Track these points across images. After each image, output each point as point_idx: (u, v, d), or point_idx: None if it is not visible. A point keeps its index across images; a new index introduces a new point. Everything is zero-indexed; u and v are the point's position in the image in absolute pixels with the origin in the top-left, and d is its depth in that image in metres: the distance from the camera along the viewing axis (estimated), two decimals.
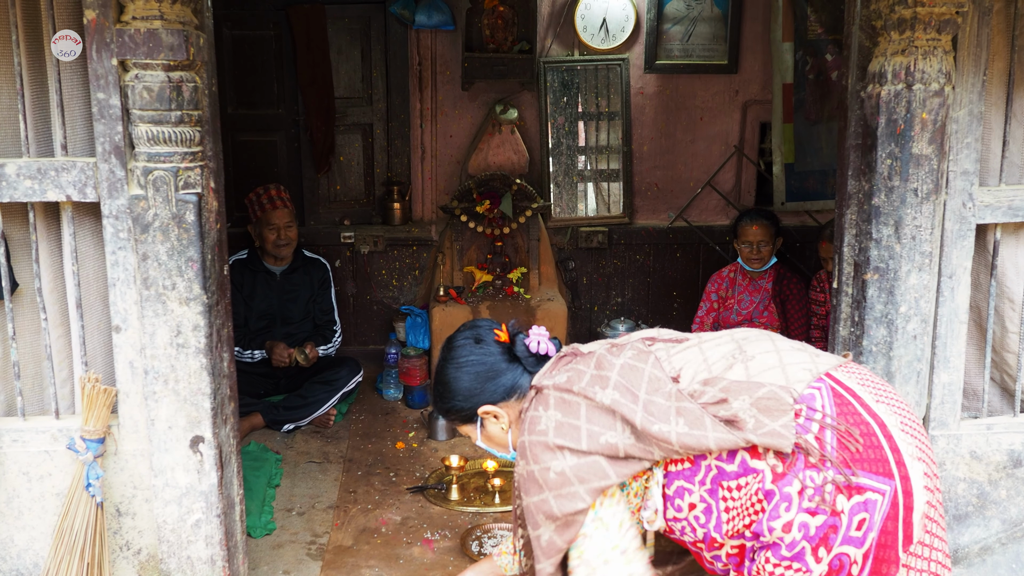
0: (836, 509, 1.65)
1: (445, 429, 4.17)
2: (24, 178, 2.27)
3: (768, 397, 1.69)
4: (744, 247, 4.42)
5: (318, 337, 4.45)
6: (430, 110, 5.01)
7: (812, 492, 1.66)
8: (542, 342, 2.02)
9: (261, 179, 4.68)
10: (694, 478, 1.77)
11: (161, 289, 2.31)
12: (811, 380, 1.73)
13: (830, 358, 1.84)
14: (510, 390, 2.00)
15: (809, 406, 1.70)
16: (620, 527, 1.79)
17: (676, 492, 1.80)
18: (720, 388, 1.74)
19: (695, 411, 1.73)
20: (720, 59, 5.04)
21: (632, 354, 1.87)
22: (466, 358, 2.01)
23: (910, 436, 1.72)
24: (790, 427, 1.66)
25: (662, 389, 1.78)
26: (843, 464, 1.65)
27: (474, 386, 2.00)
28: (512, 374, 2.00)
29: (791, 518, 1.67)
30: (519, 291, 4.72)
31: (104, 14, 2.19)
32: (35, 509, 2.46)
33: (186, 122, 2.25)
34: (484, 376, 2.00)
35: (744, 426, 1.68)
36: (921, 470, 1.69)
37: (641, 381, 1.80)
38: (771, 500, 1.69)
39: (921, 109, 2.38)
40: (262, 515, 3.35)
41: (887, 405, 1.75)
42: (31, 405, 2.51)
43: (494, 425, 2.04)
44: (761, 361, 1.78)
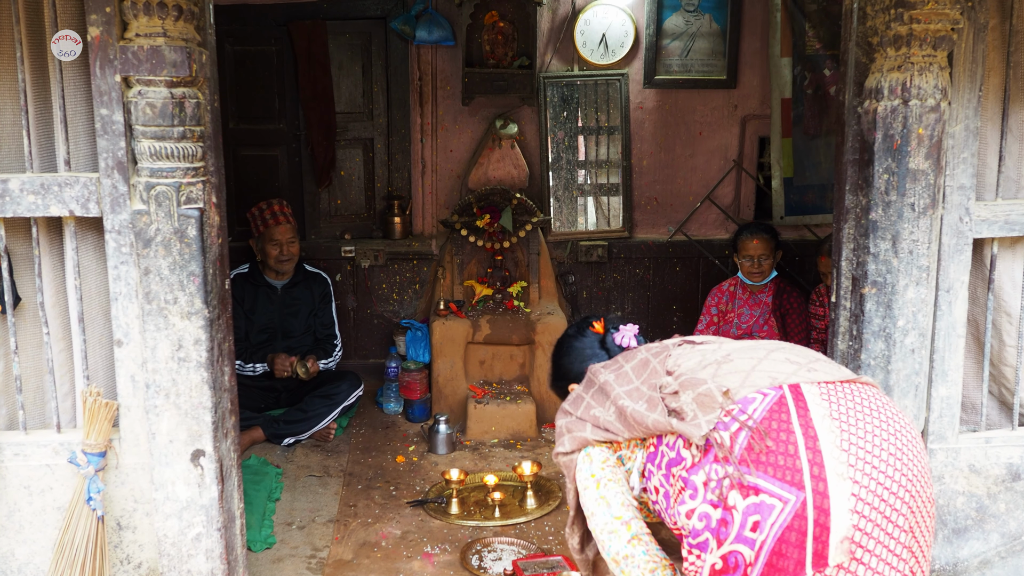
0: (728, 504, 1.70)
1: (445, 443, 4.18)
2: (27, 193, 2.29)
3: (704, 394, 1.82)
4: (745, 261, 4.43)
5: (319, 351, 4.45)
6: (430, 125, 5.03)
7: (714, 484, 1.74)
8: (626, 337, 2.32)
9: (262, 193, 4.71)
10: (655, 460, 1.96)
11: (163, 303, 2.32)
12: (766, 386, 1.78)
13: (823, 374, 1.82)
14: (607, 350, 2.34)
15: (742, 408, 1.76)
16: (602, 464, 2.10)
17: (648, 473, 2.00)
18: (680, 382, 1.91)
19: (655, 399, 1.94)
20: (719, 74, 5.07)
21: (656, 350, 2.10)
22: (567, 343, 2.43)
23: (852, 456, 1.65)
24: (711, 422, 1.78)
25: (651, 380, 2.00)
26: (742, 462, 1.69)
27: (569, 366, 2.39)
28: (599, 360, 2.29)
29: (694, 507, 1.78)
30: (519, 305, 4.73)
31: (108, 31, 2.21)
32: (36, 523, 2.47)
33: (188, 138, 2.27)
34: (576, 359, 2.37)
35: (684, 416, 1.84)
36: (848, 490, 1.62)
37: (643, 373, 2.04)
38: (686, 488, 1.81)
39: (917, 124, 2.40)
40: (262, 529, 3.35)
41: (842, 423, 1.70)
42: (33, 419, 2.52)
43: None
44: (735, 364, 1.88)
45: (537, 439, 4.38)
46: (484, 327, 4.57)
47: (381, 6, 4.93)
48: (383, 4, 4.93)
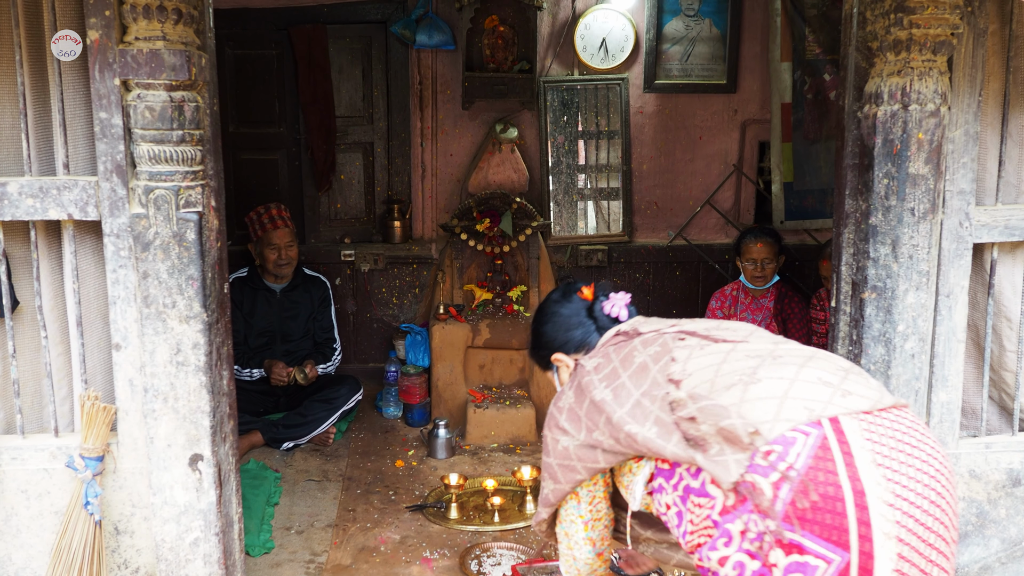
0: (769, 561, 1.57)
1: (445, 447, 4.17)
2: (26, 196, 2.29)
3: (729, 430, 1.63)
4: (748, 265, 4.42)
5: (318, 355, 4.45)
6: (430, 129, 5.03)
7: (753, 536, 1.59)
8: (616, 307, 2.17)
9: (262, 197, 4.70)
10: (670, 481, 1.82)
11: (161, 307, 2.32)
12: (804, 421, 1.59)
13: (859, 400, 1.65)
14: (580, 343, 2.18)
15: (784, 451, 1.57)
16: (591, 503, 2.06)
17: (658, 488, 1.86)
18: (698, 407, 1.71)
19: (668, 423, 1.76)
20: (719, 79, 5.07)
21: (655, 351, 1.91)
22: (551, 309, 2.25)
23: (899, 512, 1.54)
24: (741, 464, 1.60)
25: (654, 393, 1.81)
26: (785, 519, 1.55)
27: (552, 335, 2.22)
28: (585, 329, 2.17)
29: (728, 554, 1.64)
30: (519, 309, 4.73)
31: (107, 34, 2.21)
32: (33, 527, 2.46)
33: (187, 141, 2.27)
34: (561, 327, 2.21)
35: (707, 449, 1.67)
36: (894, 551, 1.52)
37: (643, 382, 1.86)
38: (716, 529, 1.67)
39: (917, 129, 2.39)
40: (261, 533, 3.35)
41: (887, 471, 1.56)
42: (30, 423, 2.51)
43: (565, 372, 2.21)
44: (765, 387, 1.67)
45: (537, 444, 4.37)
46: (484, 331, 4.56)
47: (381, 10, 4.93)
48: (383, 8, 4.93)
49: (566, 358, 2.21)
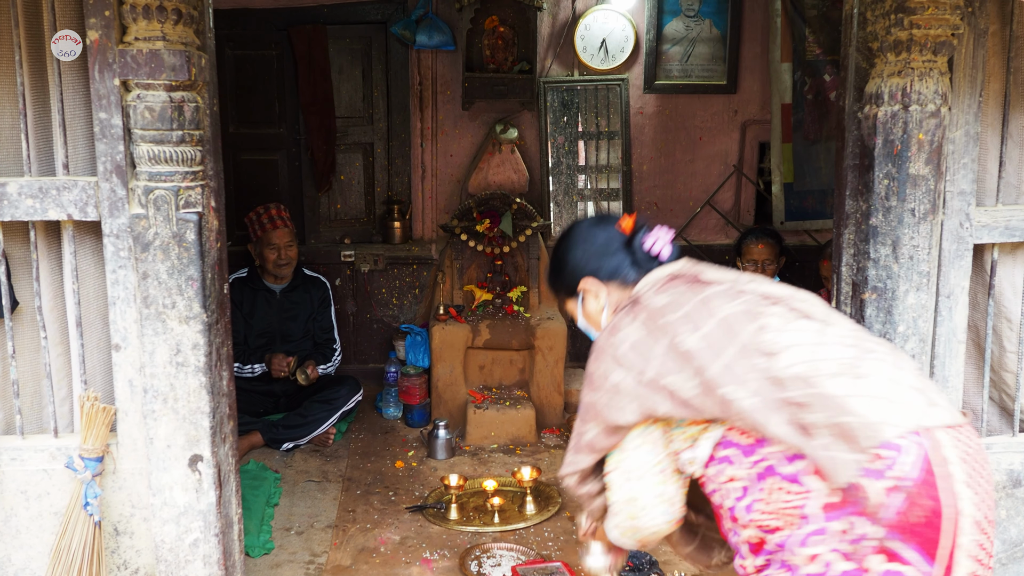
0: (865, 566, 1.55)
1: (444, 448, 4.17)
2: (25, 197, 2.29)
3: (849, 427, 1.56)
4: (748, 266, 4.42)
5: (318, 355, 4.45)
6: (430, 129, 5.03)
7: (854, 538, 1.56)
8: (659, 243, 1.99)
9: (262, 198, 4.70)
10: (748, 457, 1.68)
11: (161, 308, 2.32)
12: (910, 429, 1.56)
13: (944, 413, 1.63)
14: (614, 272, 2.00)
15: (895, 458, 1.54)
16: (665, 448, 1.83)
17: (724, 458, 1.72)
18: (809, 394, 1.60)
19: (771, 400, 1.63)
20: (719, 79, 5.07)
21: (742, 309, 1.75)
22: (583, 232, 2.08)
23: (979, 533, 1.57)
24: (859, 464, 1.54)
25: (751, 361, 1.67)
26: (892, 527, 1.53)
27: (583, 259, 2.04)
28: (620, 259, 2.00)
29: (820, 551, 1.58)
30: (519, 310, 4.73)
31: (107, 35, 2.21)
32: (33, 528, 2.46)
33: (187, 142, 2.27)
34: (594, 251, 2.03)
35: (814, 438, 1.58)
36: (969, 570, 1.56)
37: (734, 342, 1.70)
38: (807, 523, 1.60)
39: (918, 130, 2.39)
40: (260, 534, 3.34)
41: (974, 492, 1.58)
42: (30, 423, 2.51)
43: (593, 302, 2.04)
44: (871, 385, 1.62)
45: (537, 444, 4.37)
46: (484, 332, 4.56)
47: (381, 11, 4.93)
48: (383, 9, 4.93)
49: (598, 285, 2.02)
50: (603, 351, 1.86)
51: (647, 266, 1.98)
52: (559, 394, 4.60)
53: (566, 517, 3.59)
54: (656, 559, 3.19)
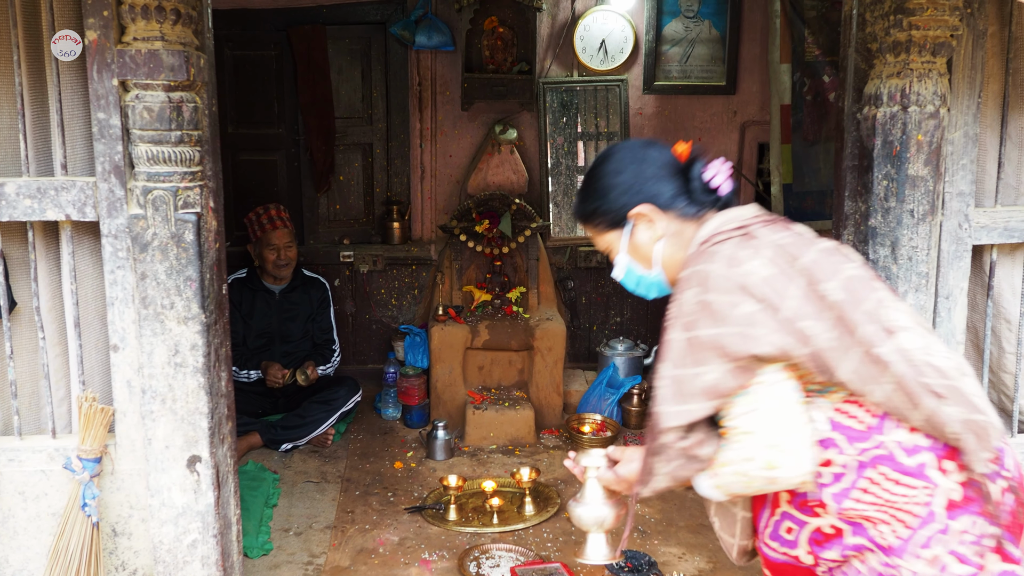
0: (983, 566, 1.53)
1: (443, 449, 4.16)
2: (24, 197, 2.28)
3: (980, 425, 1.52)
4: None
5: (317, 356, 4.45)
6: (430, 130, 5.03)
7: (972, 539, 1.52)
8: (719, 177, 1.76)
9: (261, 198, 4.70)
10: (855, 442, 1.57)
11: (159, 308, 2.32)
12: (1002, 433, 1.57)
13: None
14: (673, 200, 1.75)
15: (1002, 457, 1.55)
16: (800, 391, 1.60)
17: (827, 440, 1.59)
18: (945, 384, 1.52)
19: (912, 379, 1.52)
20: (718, 80, 5.07)
21: (861, 275, 1.61)
22: (635, 152, 1.79)
23: None
24: (987, 463, 1.52)
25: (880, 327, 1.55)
26: (1008, 528, 1.53)
27: (636, 182, 1.76)
28: (678, 188, 1.75)
29: (939, 553, 1.52)
30: (518, 310, 4.72)
31: (105, 35, 2.20)
32: (31, 529, 2.45)
33: (186, 142, 2.26)
34: (650, 174, 1.76)
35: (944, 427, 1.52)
36: None
37: (860, 307, 1.55)
38: (928, 523, 1.53)
39: (917, 131, 2.39)
40: (259, 535, 3.34)
41: None
42: (28, 424, 2.51)
43: (646, 232, 1.78)
44: (973, 384, 1.57)
45: (536, 445, 4.37)
46: (483, 333, 4.56)
47: (381, 11, 4.93)
48: (383, 9, 4.93)
49: (657, 213, 1.75)
50: (723, 279, 1.58)
51: (704, 200, 1.75)
52: (558, 395, 4.60)
53: (565, 518, 3.59)
54: (655, 560, 3.19)
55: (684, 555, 3.29)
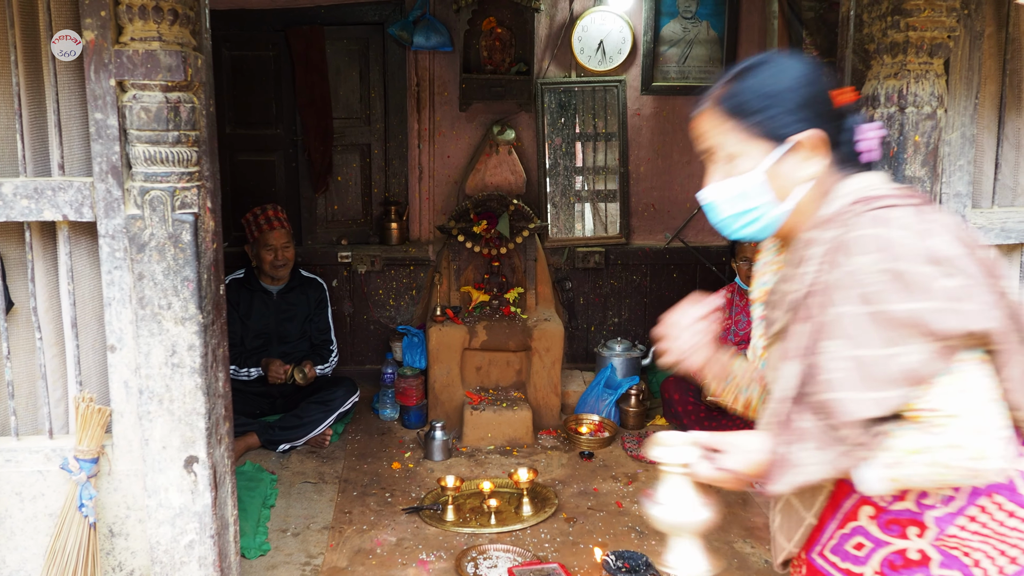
0: None
1: (441, 449, 4.16)
2: (21, 197, 2.28)
3: None
4: (743, 264, 4.43)
5: (315, 357, 4.44)
6: (428, 130, 5.03)
7: None
8: (872, 141, 1.52)
9: (259, 199, 4.70)
10: None
11: (157, 309, 2.31)
12: None
13: None
14: (834, 143, 1.48)
15: None
16: None
17: None
18: None
19: None
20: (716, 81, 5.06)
21: None
22: (818, 73, 1.49)
23: None
24: None
25: None
26: None
27: (816, 103, 1.47)
28: (834, 130, 1.49)
29: None
30: (516, 311, 4.72)
31: (103, 35, 2.20)
32: (27, 530, 2.45)
33: (183, 142, 2.26)
34: (825, 107, 1.48)
35: None
36: None
37: None
38: None
39: (914, 132, 2.39)
40: (256, 536, 3.34)
41: None
42: (25, 425, 2.50)
43: (799, 164, 1.48)
44: None
45: (534, 446, 4.36)
46: (481, 333, 4.56)
47: (379, 12, 4.93)
48: (381, 10, 4.93)
49: (825, 150, 1.47)
50: (911, 250, 1.34)
51: (850, 158, 1.51)
52: (556, 395, 4.60)
53: (562, 518, 3.59)
54: (652, 561, 3.19)
55: None
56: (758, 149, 1.49)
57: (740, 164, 1.51)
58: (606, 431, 4.45)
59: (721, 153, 1.54)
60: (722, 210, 1.58)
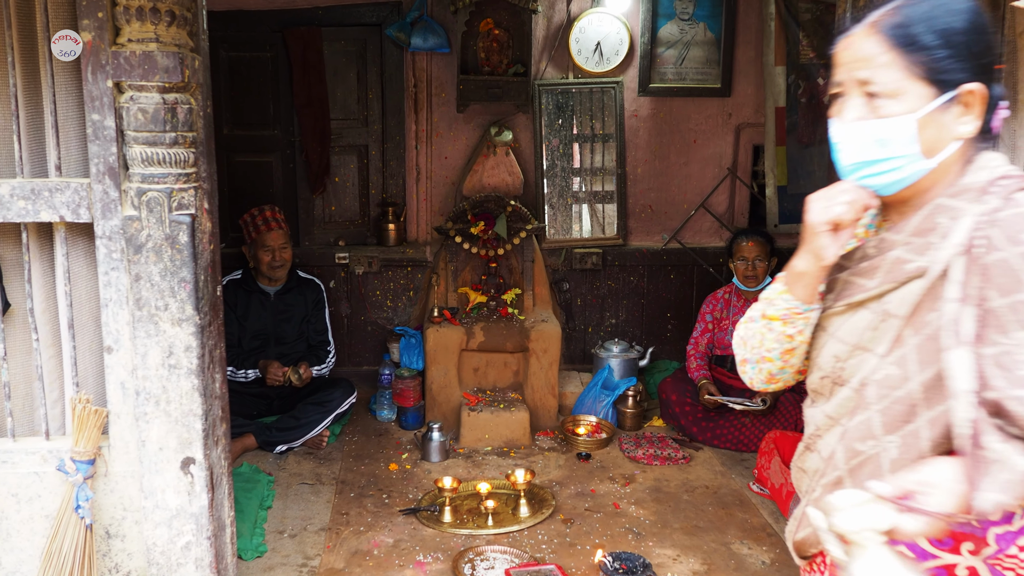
0: None
1: (438, 451, 4.16)
2: (18, 198, 2.28)
3: None
4: (740, 263, 4.44)
5: (312, 358, 4.44)
6: (425, 132, 5.03)
7: None
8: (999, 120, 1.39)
9: (256, 200, 4.70)
10: None
11: (153, 310, 2.31)
12: None
13: None
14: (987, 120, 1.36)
15: None
16: None
17: None
18: None
19: None
20: (713, 82, 5.08)
21: None
22: (984, 16, 1.36)
23: None
24: None
25: None
26: None
27: (981, 50, 1.33)
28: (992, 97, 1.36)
29: None
30: (513, 312, 4.73)
31: (100, 36, 2.20)
32: (24, 531, 2.45)
33: (180, 143, 2.26)
34: (992, 52, 1.36)
35: None
36: None
37: None
38: None
39: None
40: (253, 537, 3.33)
41: None
42: (21, 426, 2.50)
43: (953, 118, 1.33)
44: None
45: (531, 447, 4.36)
46: (478, 334, 4.56)
47: (376, 13, 4.93)
48: (378, 11, 4.93)
49: (984, 109, 1.34)
50: None
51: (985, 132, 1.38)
52: (553, 396, 4.60)
53: (559, 520, 3.59)
54: (649, 561, 3.19)
55: (679, 557, 3.30)
56: (917, 92, 1.31)
57: (889, 106, 1.32)
58: (603, 432, 4.45)
59: (869, 88, 1.34)
60: (853, 154, 1.37)
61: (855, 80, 1.36)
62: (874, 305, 1.37)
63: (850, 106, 1.37)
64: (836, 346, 1.43)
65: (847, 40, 1.38)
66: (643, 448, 4.29)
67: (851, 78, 1.37)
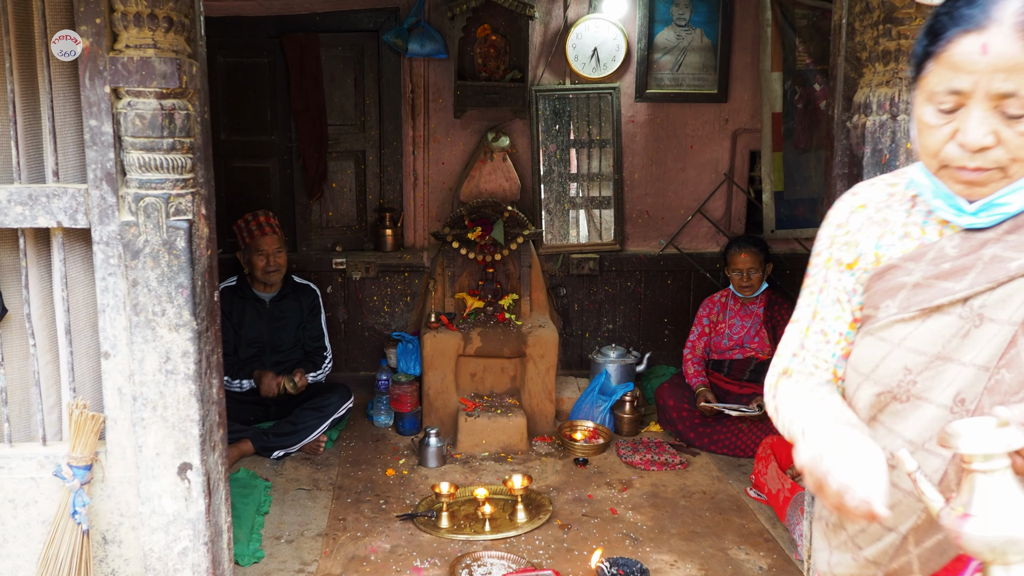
0: None
1: (436, 456, 4.16)
2: (15, 204, 2.28)
3: None
4: (734, 275, 4.45)
5: (308, 363, 4.44)
6: (422, 137, 5.04)
7: None
8: None
9: (253, 205, 4.70)
10: None
11: (151, 315, 2.31)
12: None
13: None
14: None
15: None
16: None
17: None
18: None
19: None
20: (710, 88, 5.09)
21: None
22: None
23: None
24: None
25: None
26: None
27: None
28: None
29: None
30: (510, 317, 4.73)
31: (98, 42, 2.21)
32: (20, 537, 2.44)
33: (178, 149, 2.27)
34: None
35: None
36: None
37: None
38: None
39: (906, 139, 2.40)
40: (250, 543, 3.33)
41: None
42: (18, 431, 2.50)
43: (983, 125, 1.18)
44: None
45: (528, 452, 4.36)
46: (475, 340, 4.56)
47: (374, 19, 4.94)
48: (376, 17, 4.94)
49: None
50: None
51: None
52: (550, 402, 4.60)
53: (557, 525, 3.58)
54: (647, 567, 3.19)
55: (676, 562, 3.29)
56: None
57: None
58: (600, 438, 4.45)
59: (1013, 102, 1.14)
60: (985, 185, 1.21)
61: (991, 93, 1.15)
62: (959, 309, 1.24)
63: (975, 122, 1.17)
64: (906, 357, 1.28)
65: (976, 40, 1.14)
66: (640, 453, 4.29)
67: (985, 89, 1.15)
